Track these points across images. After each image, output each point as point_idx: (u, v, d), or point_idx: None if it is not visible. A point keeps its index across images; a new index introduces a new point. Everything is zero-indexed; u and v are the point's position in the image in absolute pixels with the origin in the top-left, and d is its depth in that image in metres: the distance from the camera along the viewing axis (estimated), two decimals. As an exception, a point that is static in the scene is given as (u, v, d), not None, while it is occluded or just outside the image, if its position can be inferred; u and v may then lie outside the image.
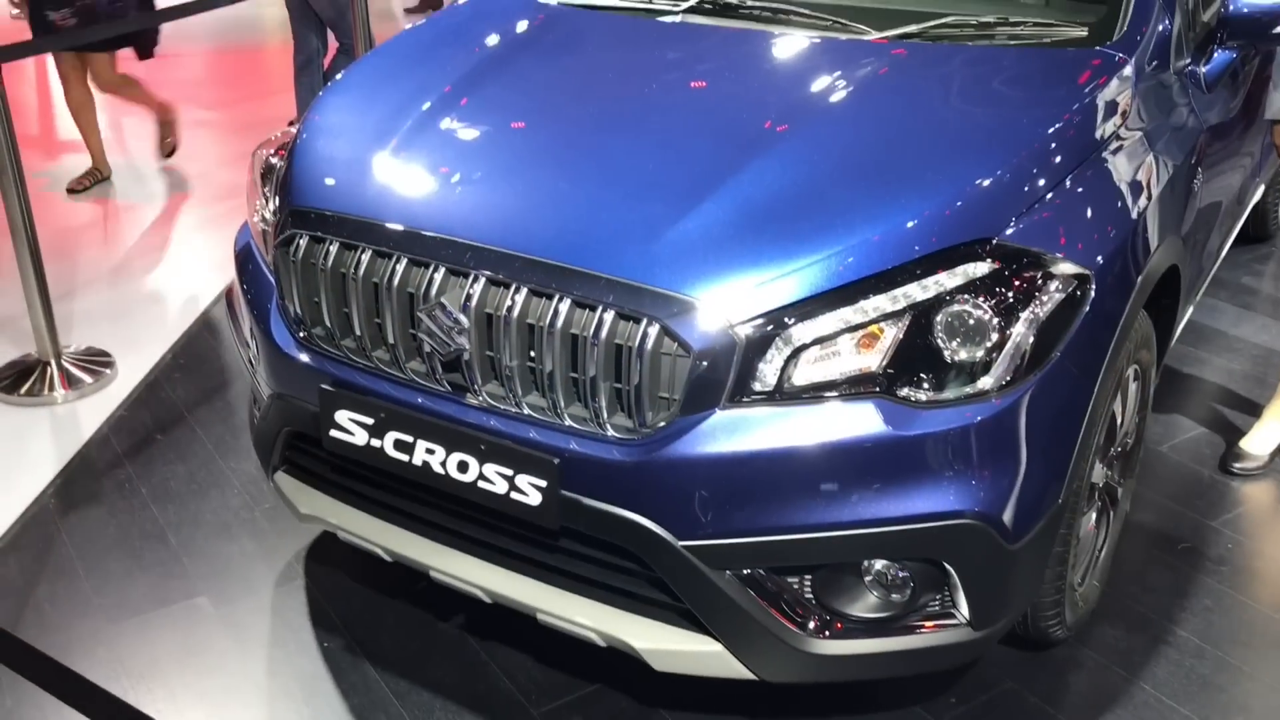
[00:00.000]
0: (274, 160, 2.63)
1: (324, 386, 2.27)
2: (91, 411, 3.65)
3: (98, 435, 3.51)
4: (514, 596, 2.20)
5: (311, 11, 5.86)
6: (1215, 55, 2.92)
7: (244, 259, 2.61)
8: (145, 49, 5.64)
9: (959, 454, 1.98)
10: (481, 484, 2.11)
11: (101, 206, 5.47)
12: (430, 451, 2.16)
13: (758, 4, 2.87)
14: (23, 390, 3.73)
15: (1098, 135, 2.37)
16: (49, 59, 6.56)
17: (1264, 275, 4.54)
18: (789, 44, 2.69)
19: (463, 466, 2.12)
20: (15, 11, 5.79)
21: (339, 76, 2.89)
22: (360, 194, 2.33)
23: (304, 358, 2.34)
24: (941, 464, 1.98)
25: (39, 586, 2.84)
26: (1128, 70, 2.52)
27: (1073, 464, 2.16)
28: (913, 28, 2.67)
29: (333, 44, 6.02)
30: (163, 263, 4.87)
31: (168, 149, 6.03)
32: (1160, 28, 2.67)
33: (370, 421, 2.21)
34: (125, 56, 5.62)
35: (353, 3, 5.59)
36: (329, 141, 2.54)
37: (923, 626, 2.13)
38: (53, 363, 3.79)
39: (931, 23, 2.67)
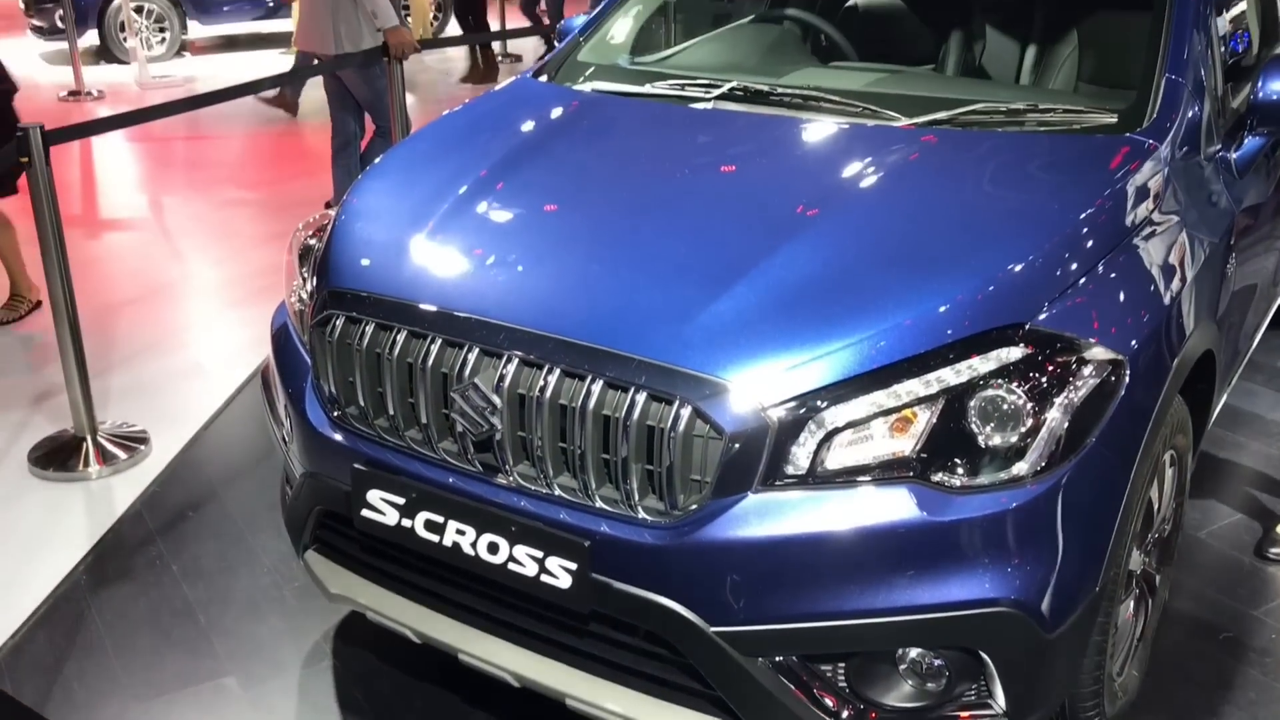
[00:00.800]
0: (312, 241, 2.68)
1: (357, 466, 2.28)
2: (125, 487, 3.67)
3: (130, 511, 3.53)
4: (543, 681, 2.18)
5: (349, 96, 6.00)
6: (1246, 141, 2.94)
7: (280, 338, 2.65)
8: (3, 186, 4.70)
9: (994, 540, 1.96)
10: (512, 566, 2.10)
11: (139, 283, 5.56)
12: (461, 532, 2.15)
13: (788, 91, 2.92)
14: (58, 466, 3.76)
15: (1129, 221, 2.38)
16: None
17: (1300, 359, 4.50)
18: (820, 130, 2.73)
19: (493, 548, 2.12)
20: None
21: (377, 161, 2.95)
22: (397, 276, 2.36)
23: (337, 437, 2.36)
24: (976, 550, 1.96)
25: (68, 663, 2.84)
26: (1158, 156, 2.53)
27: (1110, 550, 2.12)
28: (942, 114, 2.70)
29: (369, 127, 6.15)
30: (198, 340, 4.93)
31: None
32: (1190, 114, 2.69)
33: (402, 501, 2.22)
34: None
35: (390, 88, 5.74)
36: (367, 224, 2.58)
37: (958, 717, 2.09)
38: (88, 438, 3.82)
39: (961, 109, 2.71)
